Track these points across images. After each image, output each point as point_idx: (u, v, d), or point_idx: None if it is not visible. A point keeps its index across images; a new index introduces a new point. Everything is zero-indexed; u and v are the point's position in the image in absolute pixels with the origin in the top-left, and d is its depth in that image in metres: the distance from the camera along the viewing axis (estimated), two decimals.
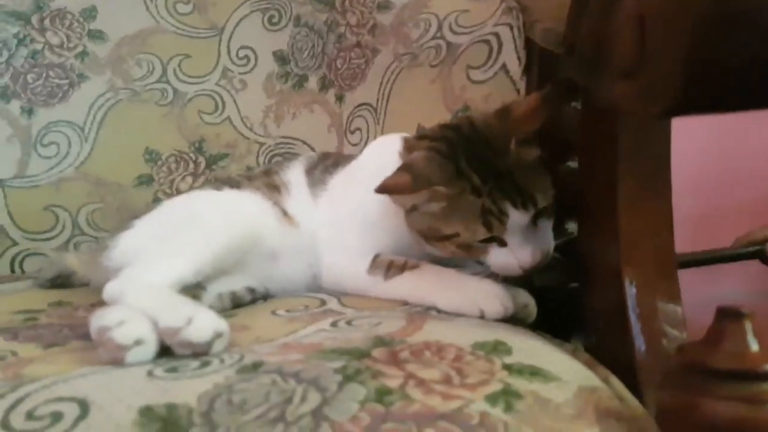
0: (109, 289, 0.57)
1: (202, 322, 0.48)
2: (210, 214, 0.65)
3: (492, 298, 0.55)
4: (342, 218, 0.68)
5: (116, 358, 0.47)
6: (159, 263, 0.59)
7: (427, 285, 0.59)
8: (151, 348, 0.47)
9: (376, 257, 0.65)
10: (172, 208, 0.69)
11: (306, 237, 0.68)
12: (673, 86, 0.36)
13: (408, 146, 0.62)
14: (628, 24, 0.38)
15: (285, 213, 0.69)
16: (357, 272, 0.64)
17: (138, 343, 0.47)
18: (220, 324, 0.49)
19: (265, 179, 0.73)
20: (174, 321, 0.48)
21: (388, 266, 0.63)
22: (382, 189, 0.55)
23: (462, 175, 0.56)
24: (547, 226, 0.58)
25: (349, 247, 0.66)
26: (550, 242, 0.58)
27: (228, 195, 0.69)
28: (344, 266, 0.66)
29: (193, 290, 0.61)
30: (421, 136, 0.62)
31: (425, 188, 0.55)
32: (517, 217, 0.56)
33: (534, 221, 0.57)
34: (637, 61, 0.38)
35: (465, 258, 0.60)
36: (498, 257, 0.58)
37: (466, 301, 0.55)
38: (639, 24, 0.37)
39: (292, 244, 0.68)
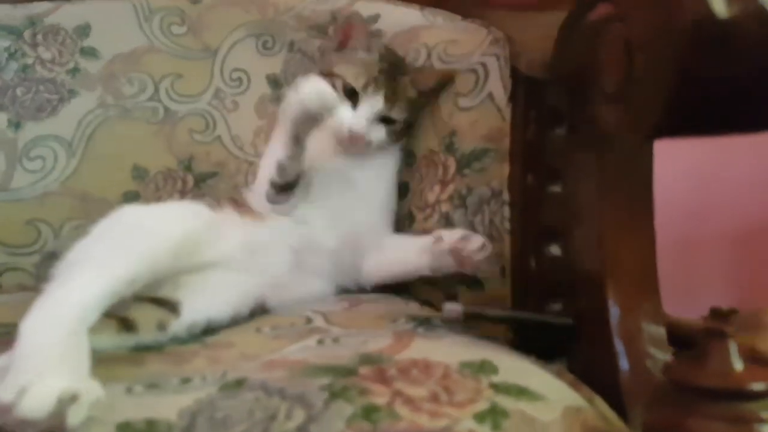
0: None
1: (41, 390, 0.38)
2: (139, 224, 0.60)
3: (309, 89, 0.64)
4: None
5: None
6: (76, 277, 0.51)
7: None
8: None
9: None
10: (112, 218, 0.62)
11: (271, 220, 0.72)
12: (657, 109, 0.37)
13: None
14: (614, 49, 0.40)
15: (251, 209, 0.73)
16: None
17: None
18: (71, 386, 0.39)
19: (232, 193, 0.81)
20: (4, 393, 0.38)
21: None
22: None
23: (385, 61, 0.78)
24: (382, 132, 0.75)
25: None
26: (374, 141, 0.75)
27: (161, 205, 0.72)
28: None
29: (162, 315, 0.58)
30: None
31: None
32: (377, 103, 0.74)
33: (380, 121, 0.75)
34: (623, 84, 0.39)
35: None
36: (344, 112, 0.73)
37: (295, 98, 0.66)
38: (625, 49, 0.39)
39: (261, 233, 0.70)
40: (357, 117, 0.74)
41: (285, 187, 0.71)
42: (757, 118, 0.37)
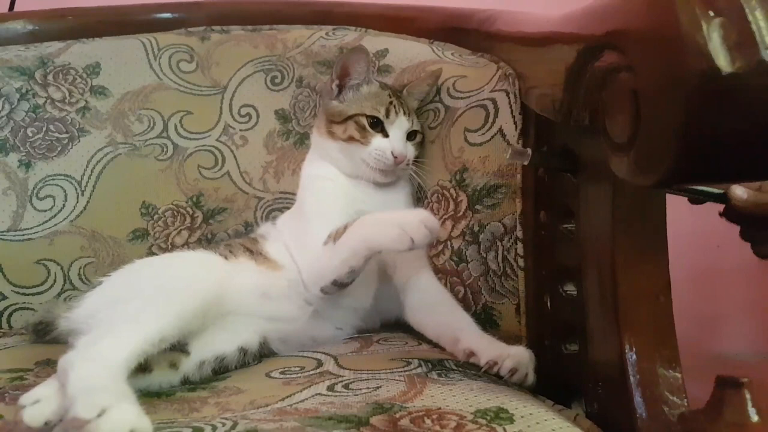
0: (62, 361, 0.50)
1: (118, 416, 0.41)
2: (166, 278, 0.63)
3: (417, 224, 0.61)
4: (299, 223, 0.76)
5: None
6: (112, 334, 0.53)
7: (366, 228, 0.65)
8: None
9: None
10: (133, 272, 0.65)
11: (292, 273, 0.71)
12: (666, 159, 0.37)
13: None
14: (622, 98, 0.40)
15: (267, 257, 0.73)
16: (317, 251, 0.68)
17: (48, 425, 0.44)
18: (141, 422, 0.42)
19: (242, 239, 0.79)
20: (84, 410, 0.41)
21: (336, 233, 0.68)
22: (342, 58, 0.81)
23: (385, 86, 0.83)
24: (411, 147, 0.79)
25: (312, 236, 0.71)
26: (410, 157, 0.79)
27: (184, 254, 0.72)
28: (311, 253, 0.70)
29: (173, 356, 0.59)
30: None
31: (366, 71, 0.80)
32: (403, 121, 0.78)
33: (407, 138, 0.79)
34: (631, 134, 0.39)
35: (355, 149, 0.77)
36: (379, 143, 0.77)
37: (398, 232, 0.62)
38: (633, 99, 0.38)
39: (279, 283, 0.70)
40: (394, 141, 0.77)
41: (346, 285, 0.68)
42: (765, 167, 0.36)
